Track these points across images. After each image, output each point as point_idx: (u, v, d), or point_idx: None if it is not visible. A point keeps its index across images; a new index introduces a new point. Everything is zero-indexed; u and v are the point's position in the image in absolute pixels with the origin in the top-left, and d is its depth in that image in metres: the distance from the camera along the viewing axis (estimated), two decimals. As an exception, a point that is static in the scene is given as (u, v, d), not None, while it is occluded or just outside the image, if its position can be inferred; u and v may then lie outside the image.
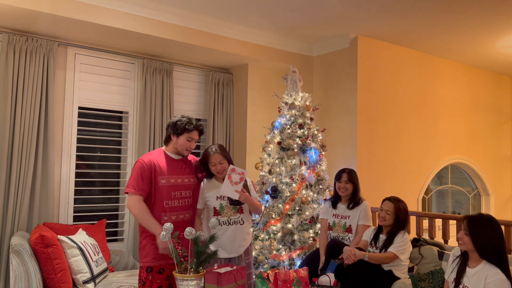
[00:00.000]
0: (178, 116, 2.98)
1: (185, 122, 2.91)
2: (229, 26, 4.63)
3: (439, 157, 5.85)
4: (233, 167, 2.97)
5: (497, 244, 2.43)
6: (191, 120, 2.95)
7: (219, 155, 3.01)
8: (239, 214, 3.09)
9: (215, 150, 3.02)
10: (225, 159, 3.02)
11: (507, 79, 6.89)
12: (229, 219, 3.05)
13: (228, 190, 2.95)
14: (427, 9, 4.22)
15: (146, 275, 2.82)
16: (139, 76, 4.70)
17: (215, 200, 3.06)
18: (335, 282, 2.92)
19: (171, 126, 2.94)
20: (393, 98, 5.30)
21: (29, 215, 3.89)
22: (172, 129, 2.94)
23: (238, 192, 2.96)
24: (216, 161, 3.01)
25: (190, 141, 2.95)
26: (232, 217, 3.06)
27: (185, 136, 2.92)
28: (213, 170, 3.04)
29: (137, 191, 2.80)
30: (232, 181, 2.95)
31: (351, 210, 3.69)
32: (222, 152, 3.02)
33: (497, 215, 6.33)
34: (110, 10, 3.92)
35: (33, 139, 3.90)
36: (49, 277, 3.31)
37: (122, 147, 4.66)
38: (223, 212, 3.05)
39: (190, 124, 2.91)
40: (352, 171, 3.76)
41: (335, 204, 3.78)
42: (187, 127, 2.90)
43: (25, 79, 3.91)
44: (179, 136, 2.92)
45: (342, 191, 3.70)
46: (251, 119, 5.16)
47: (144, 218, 2.80)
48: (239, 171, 2.97)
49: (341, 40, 5.07)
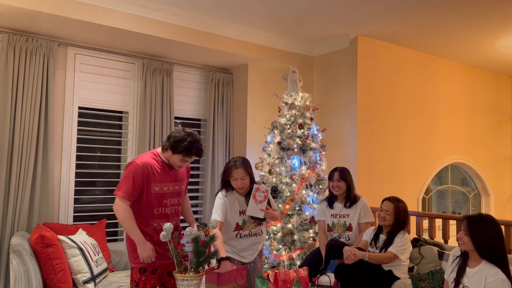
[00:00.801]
0: (183, 133, 2.78)
1: (185, 146, 2.73)
2: (229, 26, 4.63)
3: (439, 157, 5.85)
4: (257, 186, 2.92)
5: (497, 244, 2.43)
6: (192, 145, 2.74)
7: (242, 170, 2.92)
8: (259, 226, 3.12)
9: (238, 165, 2.93)
10: (247, 175, 2.94)
11: (507, 79, 6.90)
12: (250, 232, 3.07)
13: (254, 210, 2.94)
14: (427, 9, 4.22)
15: (139, 276, 2.79)
16: (139, 76, 4.70)
17: (237, 216, 3.01)
18: (335, 282, 2.92)
19: (172, 141, 2.77)
20: (393, 98, 5.30)
21: (29, 215, 3.89)
22: (171, 145, 2.77)
23: (263, 210, 2.95)
24: (238, 176, 2.93)
25: (183, 162, 2.81)
26: (253, 230, 3.08)
27: (180, 157, 2.78)
28: (234, 184, 2.96)
29: (126, 197, 2.71)
30: (257, 200, 2.92)
31: (349, 208, 3.69)
32: (245, 168, 2.93)
33: (497, 215, 6.35)
34: (110, 10, 3.92)
35: (33, 139, 3.90)
36: (49, 277, 3.31)
37: (122, 147, 4.66)
38: (245, 226, 3.04)
39: (188, 151, 2.74)
40: (344, 169, 3.75)
41: (331, 203, 3.77)
42: (185, 153, 2.75)
43: (25, 79, 3.91)
44: (174, 154, 2.78)
45: (336, 190, 3.69)
46: (251, 119, 5.16)
47: (127, 224, 2.72)
48: (263, 189, 2.94)
49: (341, 40, 5.07)
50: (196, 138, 2.80)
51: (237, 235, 3.01)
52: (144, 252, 2.69)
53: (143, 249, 2.69)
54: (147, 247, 2.69)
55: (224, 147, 5.20)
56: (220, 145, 5.14)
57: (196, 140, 2.78)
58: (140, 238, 2.70)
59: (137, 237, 2.71)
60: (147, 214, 2.81)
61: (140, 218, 2.80)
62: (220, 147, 5.14)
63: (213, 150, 5.09)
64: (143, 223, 2.80)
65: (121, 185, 2.73)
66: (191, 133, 2.80)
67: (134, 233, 2.72)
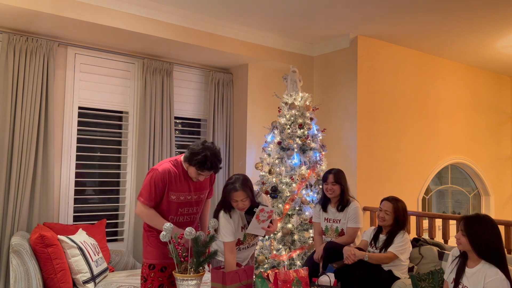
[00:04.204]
0: (201, 146, 2.75)
1: (199, 160, 2.70)
2: (229, 26, 4.63)
3: (439, 157, 5.85)
4: (262, 208, 2.89)
5: (495, 244, 2.43)
6: (206, 160, 2.70)
7: (242, 193, 2.85)
8: (257, 237, 3.15)
9: (238, 187, 2.83)
10: (247, 197, 2.87)
11: (507, 79, 6.89)
12: (249, 244, 3.10)
13: (254, 229, 2.94)
14: (427, 9, 4.22)
15: (148, 272, 2.84)
16: (139, 76, 4.70)
17: (239, 232, 3.01)
18: (335, 282, 2.92)
19: (189, 153, 2.77)
20: (393, 98, 5.30)
21: (29, 215, 3.89)
22: (187, 157, 2.78)
23: (264, 229, 2.95)
24: (239, 199, 2.87)
25: (199, 175, 2.80)
26: (251, 242, 3.11)
27: (194, 169, 2.77)
28: (234, 205, 2.92)
29: (147, 202, 2.79)
30: (260, 219, 2.91)
31: (340, 212, 3.64)
32: (245, 189, 2.86)
33: (497, 215, 6.35)
34: (110, 10, 3.92)
35: (33, 139, 3.90)
36: (49, 277, 3.31)
37: (122, 147, 4.66)
38: (245, 240, 3.06)
39: (202, 166, 2.71)
40: (339, 172, 3.69)
41: (325, 207, 3.74)
42: (198, 167, 2.73)
43: (25, 79, 3.91)
44: (190, 166, 2.79)
45: (330, 193, 3.65)
46: (251, 119, 5.16)
47: (155, 222, 2.80)
48: (267, 210, 2.91)
49: (341, 40, 5.07)
50: (213, 152, 2.74)
51: (237, 248, 3.03)
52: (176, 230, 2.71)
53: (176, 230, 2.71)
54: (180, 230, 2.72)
55: (224, 147, 5.20)
56: (220, 145, 5.14)
57: (212, 155, 2.72)
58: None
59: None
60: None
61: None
62: (220, 147, 5.13)
63: (213, 150, 5.09)
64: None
65: (143, 192, 2.80)
66: (209, 147, 2.75)
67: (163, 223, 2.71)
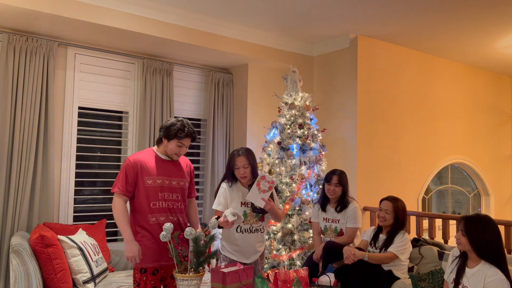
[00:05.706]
0: (173, 119, 2.90)
1: (177, 128, 2.82)
2: (229, 26, 4.63)
3: (439, 157, 5.85)
4: (264, 175, 2.90)
5: (495, 244, 2.43)
6: (184, 126, 2.84)
7: (244, 158, 2.96)
8: (261, 222, 3.07)
9: (241, 153, 2.97)
10: (249, 164, 2.97)
11: (507, 79, 6.89)
12: (251, 227, 3.02)
13: (254, 196, 2.90)
14: (427, 9, 4.22)
15: (140, 276, 2.80)
16: (139, 76, 4.70)
17: (239, 206, 2.99)
18: (335, 282, 2.92)
19: (164, 129, 2.87)
20: (393, 98, 5.30)
21: (29, 215, 3.89)
22: (164, 133, 2.86)
23: (264, 200, 2.91)
24: (241, 164, 2.95)
25: (180, 146, 2.87)
26: (254, 225, 3.03)
27: (175, 142, 2.85)
28: (236, 173, 2.98)
29: (121, 191, 2.78)
30: (260, 188, 2.88)
31: (339, 213, 3.64)
32: (247, 156, 2.97)
33: (497, 215, 6.35)
34: (110, 10, 3.92)
35: (33, 139, 3.90)
36: (49, 277, 3.31)
37: (122, 147, 4.66)
38: (246, 219, 3.00)
39: (182, 131, 2.82)
40: (342, 174, 3.67)
41: (324, 207, 3.73)
42: (179, 134, 2.82)
43: (25, 79, 3.91)
44: (169, 141, 2.85)
45: (331, 194, 3.63)
46: (251, 119, 5.16)
47: (119, 221, 2.77)
48: (269, 179, 2.90)
49: (341, 40, 5.07)
50: (187, 121, 2.90)
51: (238, 228, 2.97)
52: (130, 252, 2.70)
53: (129, 248, 2.70)
54: (134, 247, 2.70)
55: (224, 147, 5.20)
56: (220, 145, 5.13)
57: (187, 123, 2.88)
58: (128, 236, 2.73)
59: (126, 234, 2.74)
60: (144, 209, 2.83)
61: (140, 215, 2.83)
62: (220, 147, 5.14)
63: (213, 150, 5.09)
64: (143, 219, 2.83)
65: (116, 182, 2.82)
66: (181, 119, 2.90)
67: (124, 230, 2.76)
